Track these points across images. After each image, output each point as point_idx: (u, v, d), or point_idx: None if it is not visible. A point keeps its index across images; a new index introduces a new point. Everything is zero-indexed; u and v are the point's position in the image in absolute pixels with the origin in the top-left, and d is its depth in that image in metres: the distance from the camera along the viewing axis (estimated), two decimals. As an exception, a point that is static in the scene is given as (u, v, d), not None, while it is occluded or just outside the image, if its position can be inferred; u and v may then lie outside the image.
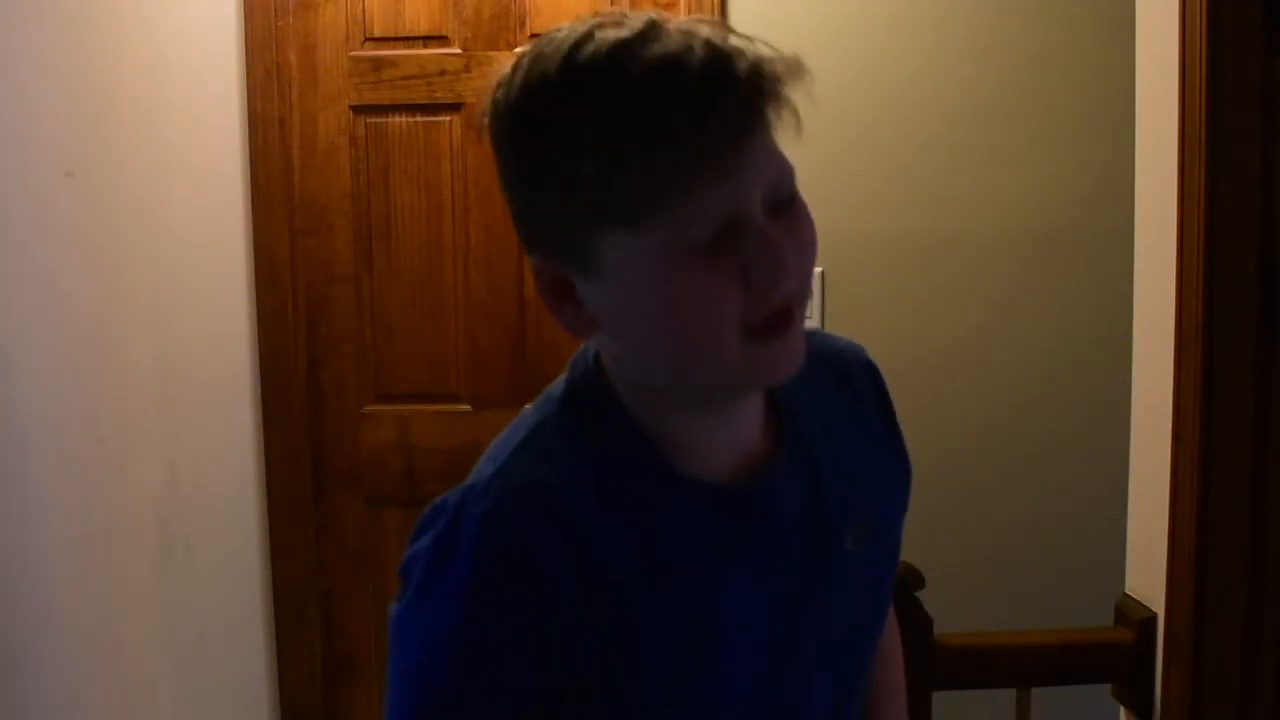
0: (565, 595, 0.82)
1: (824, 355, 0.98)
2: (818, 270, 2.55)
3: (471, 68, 2.62)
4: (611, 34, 0.77)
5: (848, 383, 1.01)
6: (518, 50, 0.82)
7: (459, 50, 2.63)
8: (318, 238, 2.68)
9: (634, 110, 0.75)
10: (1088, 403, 2.55)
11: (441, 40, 2.63)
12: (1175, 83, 1.49)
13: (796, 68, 0.79)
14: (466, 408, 2.70)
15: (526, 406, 0.94)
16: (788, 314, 0.81)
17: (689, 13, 2.51)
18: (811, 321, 2.58)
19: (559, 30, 0.81)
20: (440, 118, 2.65)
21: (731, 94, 0.76)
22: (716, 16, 2.50)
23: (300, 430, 2.68)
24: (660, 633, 0.85)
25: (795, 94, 0.79)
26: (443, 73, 2.63)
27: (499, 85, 0.82)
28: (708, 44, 0.77)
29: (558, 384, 0.93)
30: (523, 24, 2.62)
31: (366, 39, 2.64)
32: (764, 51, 0.79)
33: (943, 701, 1.69)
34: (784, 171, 0.82)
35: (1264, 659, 1.53)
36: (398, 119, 2.65)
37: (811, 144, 0.84)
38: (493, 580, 0.81)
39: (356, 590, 2.74)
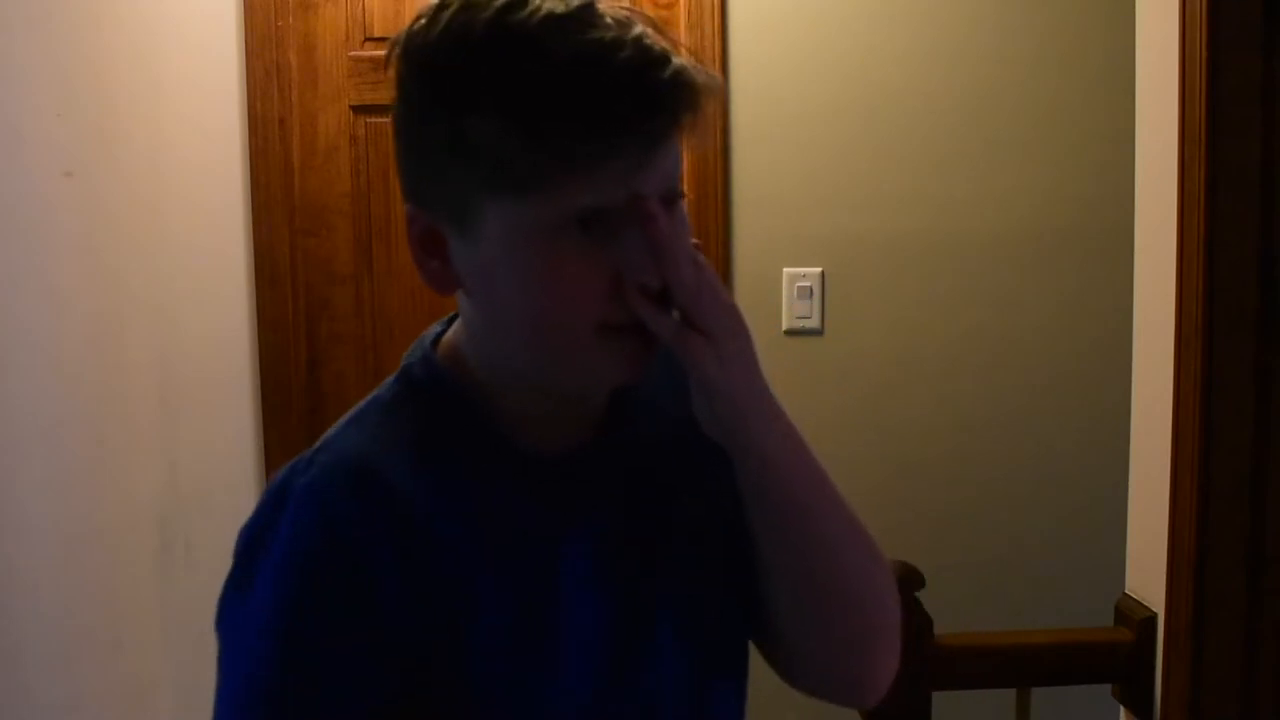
0: (389, 568, 0.80)
1: None
2: (818, 270, 2.55)
3: (471, 68, 2.62)
4: (546, 6, 0.77)
5: None
6: None
7: (459, 50, 2.63)
8: (318, 238, 2.68)
9: (549, 87, 0.75)
10: (1088, 403, 2.55)
11: (441, 40, 2.63)
12: (1175, 82, 1.49)
13: (716, 86, 0.79)
14: (466, 408, 2.70)
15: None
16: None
17: (689, 14, 2.51)
18: (810, 320, 2.58)
19: None
20: (440, 118, 2.65)
21: (651, 94, 0.75)
22: (716, 17, 2.50)
23: (300, 430, 2.68)
24: (495, 610, 0.83)
25: (708, 110, 0.79)
26: (443, 73, 2.62)
27: (421, 17, 0.80)
28: (638, 40, 0.76)
29: (398, 371, 0.92)
30: (523, 24, 2.62)
31: (366, 39, 2.64)
32: (687, 60, 0.79)
33: (943, 701, 1.69)
34: (679, 176, 0.82)
35: (1264, 659, 1.53)
36: (398, 119, 2.65)
37: (812, 144, 0.84)
38: (314, 554, 0.80)
39: (356, 590, 2.74)
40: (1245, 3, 1.44)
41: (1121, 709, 1.73)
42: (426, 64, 0.80)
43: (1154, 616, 1.62)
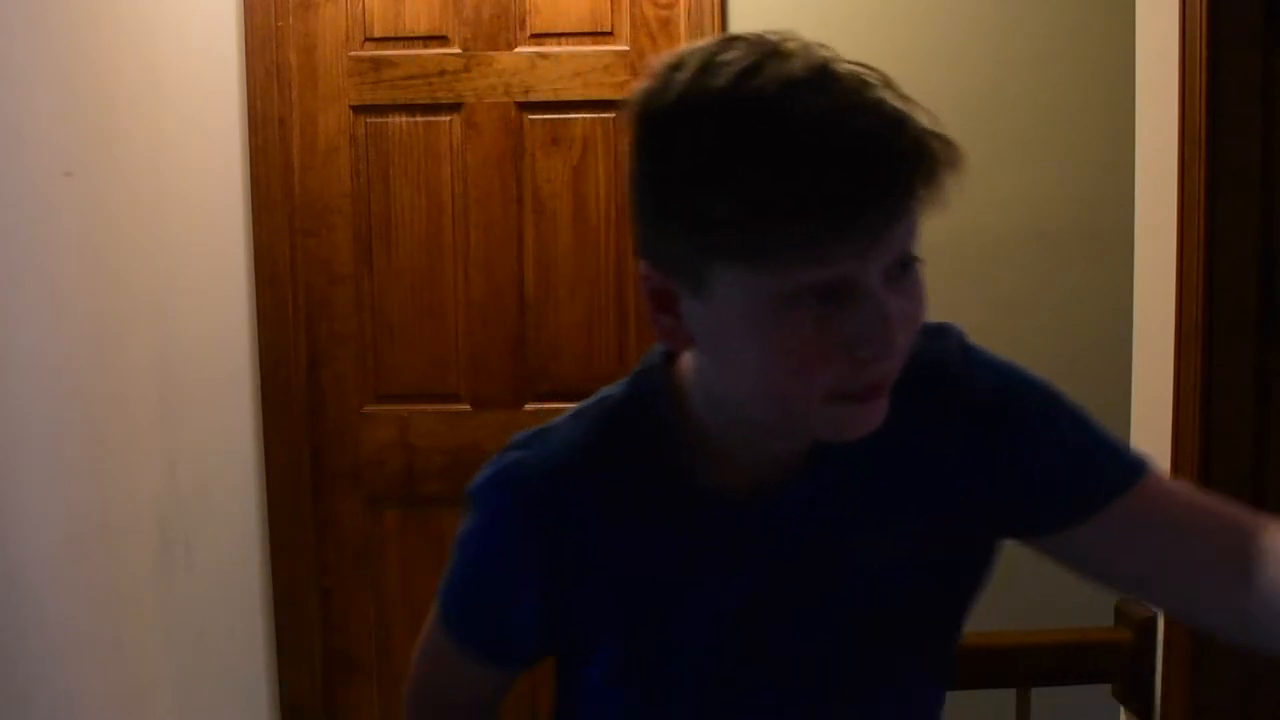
0: (535, 580, 0.92)
1: (926, 366, 0.94)
2: (818, 270, 2.55)
3: (471, 68, 2.62)
4: (784, 70, 0.77)
5: (951, 398, 0.97)
6: (686, 48, 0.83)
7: (459, 50, 2.63)
8: (318, 238, 2.68)
9: (787, 159, 0.74)
10: (1088, 402, 2.53)
11: (441, 40, 2.63)
12: (1175, 82, 1.49)
13: (955, 157, 0.79)
14: (466, 408, 2.70)
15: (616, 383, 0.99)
16: (880, 385, 0.81)
17: (689, 14, 2.51)
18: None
19: (733, 45, 0.80)
20: (440, 118, 2.65)
21: (888, 168, 0.75)
22: (716, 17, 2.50)
23: (300, 430, 2.68)
24: (609, 640, 0.92)
25: (948, 178, 0.79)
26: (443, 73, 2.63)
27: (658, 77, 0.81)
28: (876, 107, 0.76)
29: (632, 373, 0.98)
30: (523, 24, 2.62)
31: (366, 39, 2.64)
32: (926, 125, 0.78)
33: (943, 701, 1.69)
34: (913, 239, 0.83)
35: (1264, 659, 1.53)
36: (398, 119, 2.65)
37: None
38: (498, 532, 0.94)
39: (356, 590, 2.74)
40: (1245, 3, 1.44)
41: (1121, 709, 1.73)
42: (660, 130, 0.80)
43: (1154, 616, 1.62)
